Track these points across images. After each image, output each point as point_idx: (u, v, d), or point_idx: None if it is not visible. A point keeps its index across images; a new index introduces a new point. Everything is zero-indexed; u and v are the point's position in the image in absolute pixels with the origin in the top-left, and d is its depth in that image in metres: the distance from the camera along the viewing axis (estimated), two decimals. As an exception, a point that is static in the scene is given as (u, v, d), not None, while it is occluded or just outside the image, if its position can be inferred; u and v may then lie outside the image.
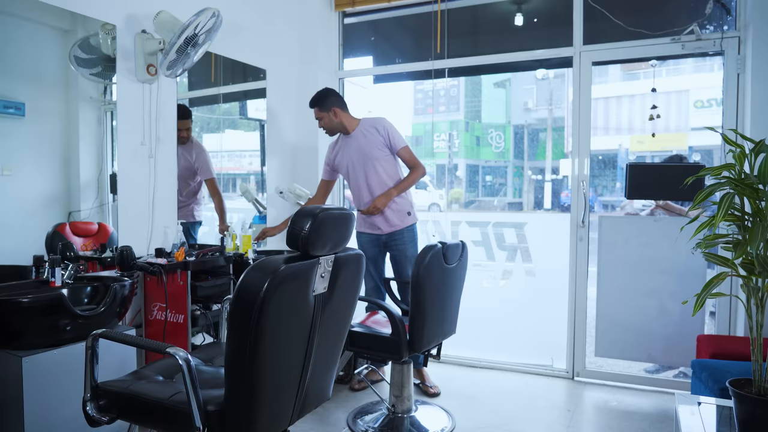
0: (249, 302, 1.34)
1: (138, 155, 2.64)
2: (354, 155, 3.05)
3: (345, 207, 2.62)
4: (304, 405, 1.65)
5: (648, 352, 3.09)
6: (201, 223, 3.18)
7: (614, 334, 3.15)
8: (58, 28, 2.39)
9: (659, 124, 3.17)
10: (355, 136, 3.07)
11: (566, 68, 3.53)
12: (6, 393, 1.83)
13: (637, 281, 3.09)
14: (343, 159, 3.10)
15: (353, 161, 3.05)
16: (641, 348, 3.09)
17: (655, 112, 3.08)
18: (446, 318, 2.61)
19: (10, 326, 1.84)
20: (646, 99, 3.26)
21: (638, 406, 2.90)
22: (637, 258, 3.09)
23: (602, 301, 3.18)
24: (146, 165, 2.67)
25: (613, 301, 3.15)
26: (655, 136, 3.16)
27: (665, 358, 3.08)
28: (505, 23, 3.62)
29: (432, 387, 3.07)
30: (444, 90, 5.32)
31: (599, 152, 8.28)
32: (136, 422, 1.65)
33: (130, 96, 2.59)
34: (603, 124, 9.08)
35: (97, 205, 2.56)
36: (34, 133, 2.28)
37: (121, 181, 2.57)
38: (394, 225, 3.03)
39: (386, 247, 3.10)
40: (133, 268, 2.40)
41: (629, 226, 3.14)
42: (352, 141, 3.07)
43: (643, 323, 3.08)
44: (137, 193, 2.64)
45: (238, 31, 3.17)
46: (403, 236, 3.03)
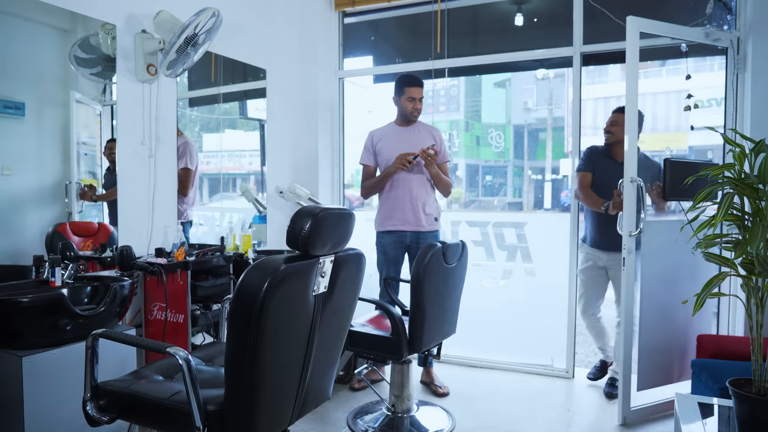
0: (249, 302, 1.34)
1: (138, 155, 2.64)
2: (405, 148, 3.07)
3: (345, 207, 2.62)
4: (304, 405, 1.65)
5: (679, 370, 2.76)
6: (191, 223, 3.13)
7: (656, 359, 2.70)
8: (58, 28, 2.38)
9: (659, 124, 3.12)
10: (414, 130, 3.14)
11: (566, 68, 3.52)
12: (6, 393, 1.83)
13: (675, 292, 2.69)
14: (389, 147, 3.11)
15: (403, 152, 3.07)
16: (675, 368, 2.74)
17: (691, 102, 2.75)
18: (446, 318, 2.61)
19: (10, 326, 1.84)
20: (646, 99, 3.20)
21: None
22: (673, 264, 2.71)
23: (644, 320, 2.68)
24: (146, 165, 2.67)
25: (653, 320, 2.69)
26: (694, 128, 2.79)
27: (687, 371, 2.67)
28: (505, 23, 3.62)
29: (441, 387, 3.08)
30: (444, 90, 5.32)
31: (599, 152, 8.24)
32: (136, 422, 1.65)
33: (130, 96, 2.59)
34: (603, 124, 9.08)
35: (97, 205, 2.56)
36: (34, 133, 2.28)
37: (121, 181, 2.56)
38: (422, 226, 3.07)
39: (408, 250, 3.11)
40: (133, 268, 2.40)
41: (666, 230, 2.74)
42: (408, 134, 3.13)
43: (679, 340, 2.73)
44: (137, 192, 2.64)
45: (238, 30, 3.17)
46: (427, 239, 3.02)
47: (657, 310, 2.71)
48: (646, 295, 2.69)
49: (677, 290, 2.68)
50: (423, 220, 3.06)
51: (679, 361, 2.80)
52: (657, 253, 2.69)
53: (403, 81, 3.12)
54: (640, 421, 2.68)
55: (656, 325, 2.71)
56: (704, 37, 2.82)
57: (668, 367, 2.77)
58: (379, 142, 3.17)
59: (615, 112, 3.09)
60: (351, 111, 4.04)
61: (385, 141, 3.16)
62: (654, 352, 2.71)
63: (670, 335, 2.76)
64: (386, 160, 3.12)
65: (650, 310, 2.70)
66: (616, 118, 3.06)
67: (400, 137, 3.13)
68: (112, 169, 2.59)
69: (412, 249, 3.08)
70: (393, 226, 3.09)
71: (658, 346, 2.72)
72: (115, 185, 2.56)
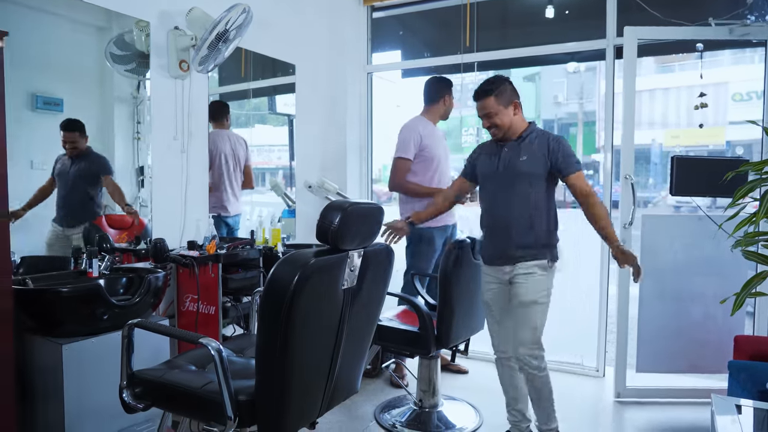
0: (279, 295, 1.36)
1: (171, 150, 2.69)
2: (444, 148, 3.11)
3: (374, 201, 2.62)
4: (333, 397, 1.67)
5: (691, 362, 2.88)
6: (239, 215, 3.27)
7: (657, 345, 2.91)
8: (94, 26, 2.45)
9: (696, 117, 3.02)
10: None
11: (598, 61, 3.45)
12: (48, 378, 1.90)
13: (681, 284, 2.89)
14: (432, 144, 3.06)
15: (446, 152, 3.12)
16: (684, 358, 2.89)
17: (701, 101, 2.82)
18: (474, 313, 2.60)
19: (51, 315, 1.91)
20: (681, 92, 3.11)
21: (675, 414, 2.82)
22: (681, 259, 2.89)
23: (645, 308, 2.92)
24: (179, 159, 2.72)
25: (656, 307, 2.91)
26: (702, 126, 2.91)
27: (706, 365, 2.86)
28: (536, 16, 3.56)
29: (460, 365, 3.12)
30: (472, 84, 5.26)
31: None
32: (169, 410, 1.70)
33: (163, 92, 2.64)
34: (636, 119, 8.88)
35: (131, 199, 2.62)
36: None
37: (155, 175, 2.62)
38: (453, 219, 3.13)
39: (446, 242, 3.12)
40: (166, 260, 2.46)
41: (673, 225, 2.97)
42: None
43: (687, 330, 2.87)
44: (170, 186, 2.69)
45: (267, 26, 3.20)
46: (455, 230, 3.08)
47: (658, 301, 2.90)
48: (647, 286, 2.89)
49: (680, 283, 2.89)
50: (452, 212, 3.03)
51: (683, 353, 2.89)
52: (658, 247, 2.89)
53: None
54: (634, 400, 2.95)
55: (657, 314, 2.90)
56: (728, 34, 2.78)
57: (668, 356, 2.92)
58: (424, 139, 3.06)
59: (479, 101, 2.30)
60: (379, 106, 4.04)
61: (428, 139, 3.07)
62: (654, 340, 2.92)
63: (671, 325, 2.90)
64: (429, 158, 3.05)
65: (651, 301, 2.90)
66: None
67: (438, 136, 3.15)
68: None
69: (447, 241, 3.11)
70: (444, 222, 3.05)
71: (658, 335, 2.92)
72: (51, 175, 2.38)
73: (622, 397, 2.96)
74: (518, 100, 2.26)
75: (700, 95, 2.83)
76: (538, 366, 2.21)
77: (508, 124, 2.24)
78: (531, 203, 2.22)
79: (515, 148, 2.26)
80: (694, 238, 2.86)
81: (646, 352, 2.94)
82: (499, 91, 2.22)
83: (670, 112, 9.50)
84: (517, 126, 2.26)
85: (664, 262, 2.91)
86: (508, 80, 2.27)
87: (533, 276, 2.21)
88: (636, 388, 2.97)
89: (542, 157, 2.20)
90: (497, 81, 2.25)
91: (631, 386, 2.97)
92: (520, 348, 2.22)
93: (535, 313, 2.21)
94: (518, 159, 2.24)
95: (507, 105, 2.23)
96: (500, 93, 2.22)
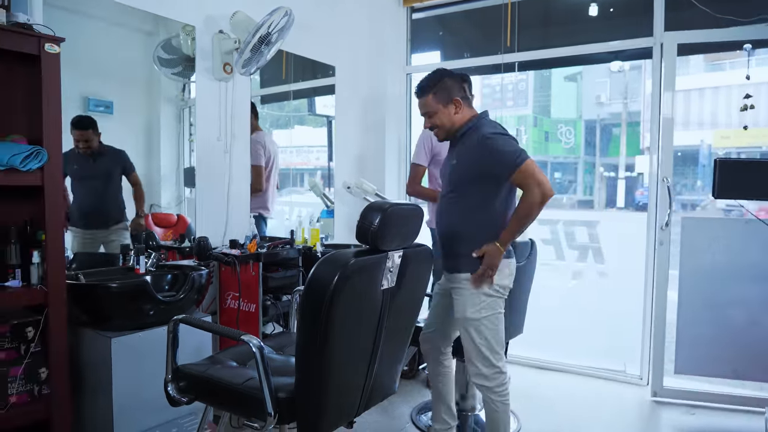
0: (319, 294, 1.37)
1: (215, 150, 2.75)
2: None
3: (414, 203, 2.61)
4: (371, 397, 1.67)
5: (733, 367, 2.81)
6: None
7: (697, 349, 2.88)
8: (142, 31, 2.53)
9: (748, 117, 2.91)
10: None
11: (643, 60, 3.35)
12: (97, 370, 1.97)
13: (725, 289, 2.83)
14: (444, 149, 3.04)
15: None
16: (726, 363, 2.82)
17: (748, 102, 2.76)
18: (513, 317, 2.55)
19: (100, 309, 1.99)
20: (732, 91, 3.00)
21: (720, 424, 2.71)
22: (724, 263, 2.82)
23: (684, 311, 2.90)
24: (222, 160, 2.79)
25: (697, 312, 2.87)
26: (747, 128, 2.84)
27: (753, 373, 2.79)
28: (579, 14, 3.48)
29: None
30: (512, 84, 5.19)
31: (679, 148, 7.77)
32: (211, 404, 1.74)
33: (207, 94, 2.71)
34: (683, 119, 8.56)
35: (176, 198, 2.70)
36: (121, 130, 2.43)
37: (199, 176, 2.69)
38: None
39: None
40: (209, 258, 2.52)
41: (716, 228, 2.89)
42: None
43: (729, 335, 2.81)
44: (214, 186, 2.76)
45: (308, 28, 3.23)
46: None
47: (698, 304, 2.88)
48: (686, 288, 2.89)
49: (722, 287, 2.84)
50: None
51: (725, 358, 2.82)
52: (698, 250, 2.88)
53: None
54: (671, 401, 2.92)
55: (697, 317, 2.88)
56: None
57: (708, 360, 2.88)
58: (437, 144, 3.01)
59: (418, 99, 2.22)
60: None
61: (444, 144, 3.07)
62: (694, 343, 2.88)
63: (712, 329, 2.86)
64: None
65: (691, 303, 2.89)
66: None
67: None
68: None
69: None
70: None
71: (698, 338, 2.88)
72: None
73: (659, 397, 2.95)
74: (461, 96, 2.05)
75: (746, 96, 2.78)
76: (491, 389, 2.01)
77: (449, 125, 2.06)
78: (462, 209, 2.03)
79: (452, 151, 2.13)
80: (739, 241, 2.79)
81: (684, 354, 2.90)
82: (438, 88, 2.03)
83: (719, 111, 9.13)
84: (459, 125, 2.06)
85: (705, 265, 2.87)
86: (450, 75, 2.06)
87: (463, 290, 2.02)
88: (673, 389, 2.95)
89: (473, 163, 2.00)
90: (436, 76, 2.05)
91: (669, 387, 2.95)
92: (472, 377, 2.06)
93: (475, 331, 2.00)
94: (450, 162, 2.10)
95: (447, 103, 2.04)
96: (439, 90, 2.04)
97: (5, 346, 1.73)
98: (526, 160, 1.90)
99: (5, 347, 1.73)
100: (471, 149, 2.00)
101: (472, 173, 2.00)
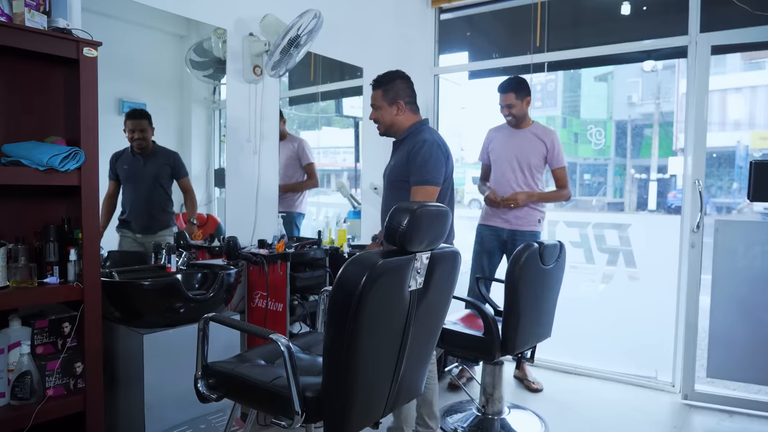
0: (347, 295, 1.37)
1: (244, 151, 2.79)
2: (510, 152, 3.09)
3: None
4: (397, 398, 1.67)
5: None
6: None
7: (730, 353, 2.83)
8: (175, 34, 2.58)
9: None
10: (522, 135, 3.09)
11: (677, 59, 3.27)
12: (130, 365, 2.02)
13: (760, 294, 2.76)
14: (498, 149, 3.16)
15: (506, 156, 3.11)
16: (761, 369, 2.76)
17: None
18: (541, 320, 2.53)
19: (133, 306, 2.03)
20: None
21: (752, 430, 2.63)
22: (759, 268, 2.76)
23: (717, 315, 2.86)
24: (251, 161, 2.83)
25: (730, 316, 2.82)
26: None
27: None
28: (611, 13, 3.42)
29: (535, 382, 3.02)
30: (540, 85, 5.13)
31: (714, 149, 7.57)
32: (240, 401, 1.76)
33: (237, 96, 2.75)
34: (719, 119, 8.32)
35: (206, 198, 2.75)
36: (155, 132, 2.48)
37: (229, 176, 2.73)
38: (520, 225, 3.04)
39: (505, 246, 3.09)
40: (238, 258, 2.56)
41: (751, 231, 2.83)
42: (514, 138, 3.12)
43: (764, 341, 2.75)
44: (243, 187, 2.80)
45: (336, 30, 3.26)
46: (525, 239, 2.96)
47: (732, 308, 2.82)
48: (719, 291, 2.84)
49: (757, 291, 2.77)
50: (521, 218, 3.03)
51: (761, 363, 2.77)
52: (732, 254, 2.82)
53: None
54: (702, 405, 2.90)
55: (730, 321, 2.82)
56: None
57: (742, 364, 2.82)
58: (492, 142, 3.22)
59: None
60: (445, 108, 4.02)
61: (496, 142, 3.19)
62: (727, 347, 2.83)
63: (746, 333, 2.80)
64: (494, 161, 3.17)
65: (723, 307, 2.83)
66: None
67: (507, 140, 3.14)
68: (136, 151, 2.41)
69: (508, 246, 3.06)
70: (494, 222, 3.11)
71: (732, 342, 2.82)
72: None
73: (690, 400, 2.94)
74: (406, 101, 2.20)
75: None
76: None
77: (388, 123, 2.23)
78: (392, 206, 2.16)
79: (393, 153, 2.28)
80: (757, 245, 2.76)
81: (717, 358, 2.87)
82: (388, 87, 2.19)
83: (758, 111, 8.85)
84: (400, 127, 2.22)
85: (739, 269, 2.82)
86: (401, 77, 2.22)
87: None
88: (705, 393, 2.93)
89: (404, 164, 2.14)
90: (389, 76, 2.21)
91: (700, 391, 2.94)
92: None
93: None
94: (389, 163, 2.25)
95: (391, 103, 2.20)
96: (388, 89, 2.19)
97: (43, 341, 1.79)
98: (431, 186, 2.08)
99: (43, 342, 1.79)
100: (407, 152, 2.15)
101: (404, 173, 2.16)
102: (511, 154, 3.08)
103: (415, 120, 2.24)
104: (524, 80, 3.08)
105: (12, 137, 1.81)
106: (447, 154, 2.19)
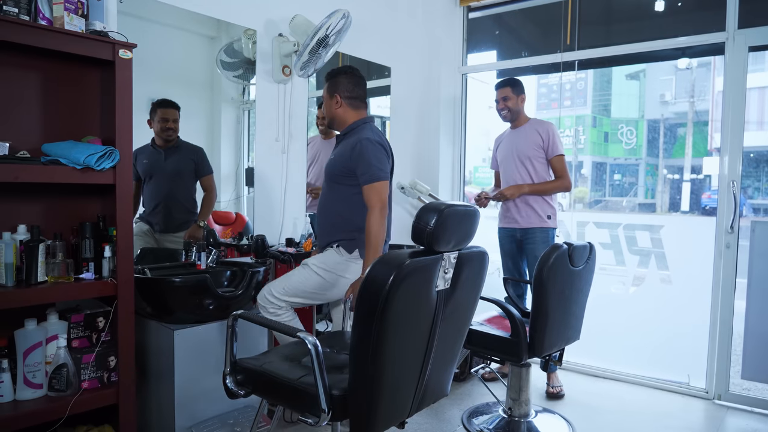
0: (375, 294, 1.38)
1: (272, 151, 2.83)
2: (511, 150, 3.12)
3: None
4: (423, 398, 1.67)
5: None
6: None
7: (766, 356, 2.76)
8: (205, 36, 2.62)
9: None
10: (519, 132, 3.11)
11: (712, 56, 3.18)
12: (161, 360, 2.06)
13: None
14: (502, 151, 3.20)
15: (508, 156, 3.13)
16: None
17: None
18: (570, 322, 2.49)
19: (164, 302, 2.08)
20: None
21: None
22: None
23: (752, 317, 2.80)
24: (279, 160, 2.86)
25: (766, 317, 2.75)
26: None
27: None
28: (644, 9, 3.33)
29: (554, 387, 2.96)
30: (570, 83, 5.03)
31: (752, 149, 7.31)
32: (267, 398, 1.78)
33: (267, 96, 2.78)
34: (757, 118, 8.05)
35: (234, 197, 2.79)
36: (185, 132, 2.52)
37: (258, 175, 2.77)
38: (530, 222, 3.02)
39: (521, 245, 3.08)
40: (266, 256, 2.58)
41: None
42: (513, 137, 3.14)
43: None
44: (271, 186, 2.83)
45: (364, 30, 3.26)
46: (536, 236, 3.00)
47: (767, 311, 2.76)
48: (755, 292, 2.78)
49: None
50: (530, 216, 3.02)
51: None
52: None
53: None
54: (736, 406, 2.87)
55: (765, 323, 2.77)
56: None
57: None
58: (497, 148, 3.27)
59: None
60: (473, 107, 3.99)
61: (500, 146, 3.24)
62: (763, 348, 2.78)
63: None
64: (500, 162, 3.22)
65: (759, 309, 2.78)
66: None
67: (508, 140, 3.18)
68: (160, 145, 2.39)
69: (523, 244, 3.07)
70: (507, 224, 3.13)
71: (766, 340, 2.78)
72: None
73: (723, 401, 2.92)
74: (345, 96, 2.23)
75: None
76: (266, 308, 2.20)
77: (328, 115, 2.29)
78: (329, 199, 2.24)
79: (335, 148, 2.31)
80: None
81: (752, 358, 2.82)
82: (332, 81, 2.25)
83: (798, 110, 8.54)
84: (340, 121, 2.26)
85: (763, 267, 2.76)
86: (346, 72, 2.25)
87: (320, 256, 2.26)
88: (738, 395, 2.90)
89: (345, 161, 2.17)
90: (335, 70, 2.27)
91: (734, 392, 2.91)
92: (264, 289, 2.23)
93: (298, 272, 2.23)
94: (330, 158, 2.28)
95: (331, 96, 2.25)
96: (332, 83, 2.25)
97: (79, 334, 1.84)
98: (380, 181, 2.10)
99: (79, 336, 1.84)
100: (347, 148, 2.17)
101: (343, 169, 2.18)
102: (512, 152, 3.10)
103: (357, 117, 2.27)
104: (520, 80, 3.13)
105: (51, 137, 1.87)
106: (389, 152, 2.25)
